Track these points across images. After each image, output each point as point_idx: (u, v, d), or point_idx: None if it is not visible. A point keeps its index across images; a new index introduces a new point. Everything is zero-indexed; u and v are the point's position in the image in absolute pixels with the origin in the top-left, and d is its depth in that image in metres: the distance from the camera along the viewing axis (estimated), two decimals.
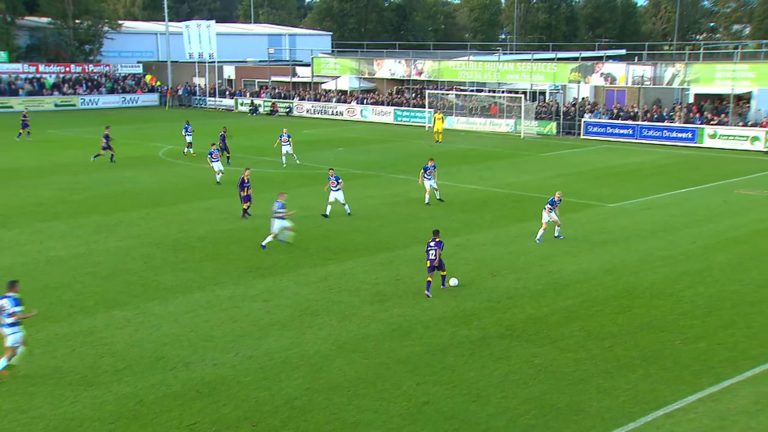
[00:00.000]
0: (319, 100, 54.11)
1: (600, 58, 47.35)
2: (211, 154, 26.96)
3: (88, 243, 18.92)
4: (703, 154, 35.29)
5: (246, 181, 21.34)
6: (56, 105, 58.07)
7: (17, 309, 11.46)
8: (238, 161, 32.11)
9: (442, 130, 39.33)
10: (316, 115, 52.73)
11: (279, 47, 72.26)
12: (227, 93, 60.23)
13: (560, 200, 19.36)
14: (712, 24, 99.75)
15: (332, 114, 51.89)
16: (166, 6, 66.62)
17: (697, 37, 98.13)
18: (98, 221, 21.36)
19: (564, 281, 15.98)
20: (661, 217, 21.91)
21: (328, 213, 21.60)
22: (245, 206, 21.63)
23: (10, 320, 11.45)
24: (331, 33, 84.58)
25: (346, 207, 21.92)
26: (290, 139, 31.14)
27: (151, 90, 63.43)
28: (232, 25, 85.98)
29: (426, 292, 15.02)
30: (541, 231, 19.17)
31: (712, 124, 37.61)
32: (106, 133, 31.99)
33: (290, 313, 14.16)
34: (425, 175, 23.37)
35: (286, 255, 17.89)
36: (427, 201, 23.28)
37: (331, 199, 21.63)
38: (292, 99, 55.31)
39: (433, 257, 15.08)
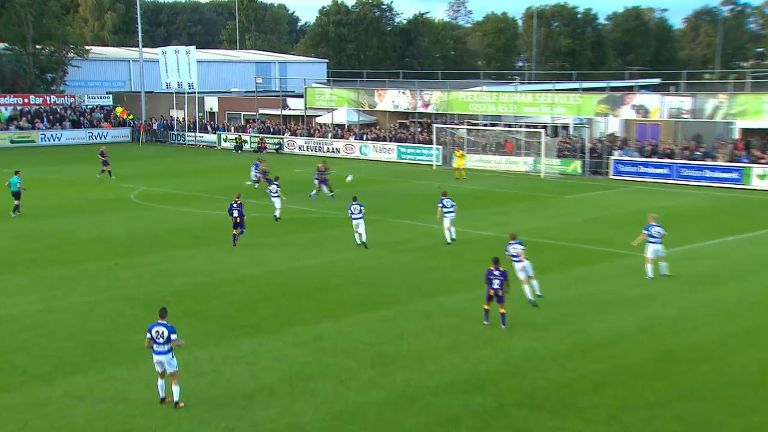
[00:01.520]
0: (312, 136, 54.83)
1: (631, 89, 48.20)
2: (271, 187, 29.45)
3: (47, 299, 19.06)
4: (751, 196, 35.62)
5: (236, 205, 24.19)
6: (12, 141, 58.73)
7: None
8: (216, 204, 32.51)
9: (464, 167, 40.71)
10: (310, 152, 53.34)
11: (267, 76, 73.57)
12: (209, 127, 61.21)
13: (659, 226, 20.22)
14: (759, 49, 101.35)
15: (328, 151, 52.52)
16: (140, 30, 68.03)
17: (743, 64, 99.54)
18: (59, 273, 21.53)
19: (592, 341, 16.04)
20: (704, 269, 22.06)
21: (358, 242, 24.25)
22: (234, 232, 24.32)
23: None
24: (326, 60, 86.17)
25: (364, 237, 24.15)
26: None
27: (122, 124, 64.39)
28: (214, 51, 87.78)
29: (485, 321, 16.64)
30: (648, 266, 20.19)
31: (761, 163, 38.00)
32: (102, 150, 38.67)
33: (279, 378, 14.21)
34: (445, 210, 24.94)
35: (274, 311, 18.01)
36: (447, 239, 25.02)
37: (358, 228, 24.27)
38: (283, 134, 56.11)
39: (498, 287, 16.31)
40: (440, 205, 25.33)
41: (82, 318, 17.61)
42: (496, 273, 16.75)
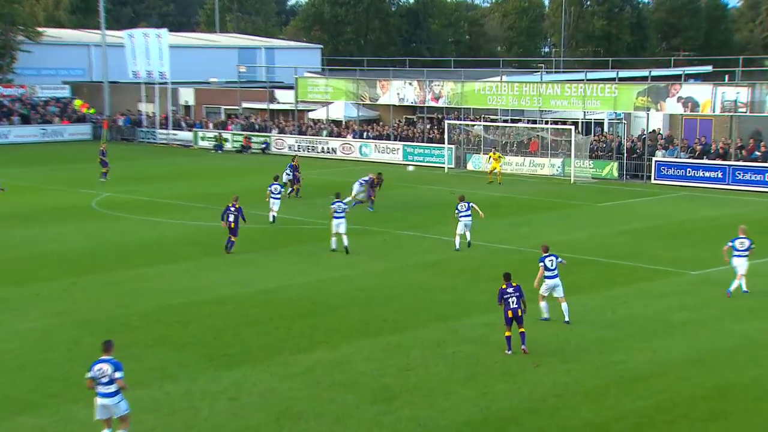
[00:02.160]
0: (305, 133, 54.90)
1: (677, 78, 48.00)
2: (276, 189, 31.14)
3: None
4: None
5: (233, 209, 25.65)
6: None
7: None
8: (194, 213, 32.54)
9: (500, 170, 41.14)
10: (302, 153, 53.32)
11: (252, 64, 73.82)
12: (184, 124, 61.31)
13: (745, 238, 21.18)
14: None
15: (322, 151, 52.57)
16: (102, 9, 68.13)
17: None
18: (6, 294, 21.53)
19: (632, 375, 16.02)
20: (765, 289, 21.99)
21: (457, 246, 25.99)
22: (233, 239, 25.69)
23: None
24: (320, 46, 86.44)
25: (345, 241, 25.37)
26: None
27: (82, 120, 64.61)
28: (190, 35, 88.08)
29: (507, 350, 16.81)
30: (736, 282, 20.93)
31: None
32: (102, 149, 41.24)
33: (265, 417, 14.19)
34: (461, 215, 26.05)
35: (261, 338, 18.03)
36: (457, 245, 26.07)
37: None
38: (270, 132, 56.21)
39: (516, 305, 16.66)
40: (456, 211, 26.21)
41: (32, 347, 17.61)
42: (510, 290, 17.01)
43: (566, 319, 18.88)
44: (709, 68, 61.82)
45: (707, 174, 40.34)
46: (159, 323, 19.09)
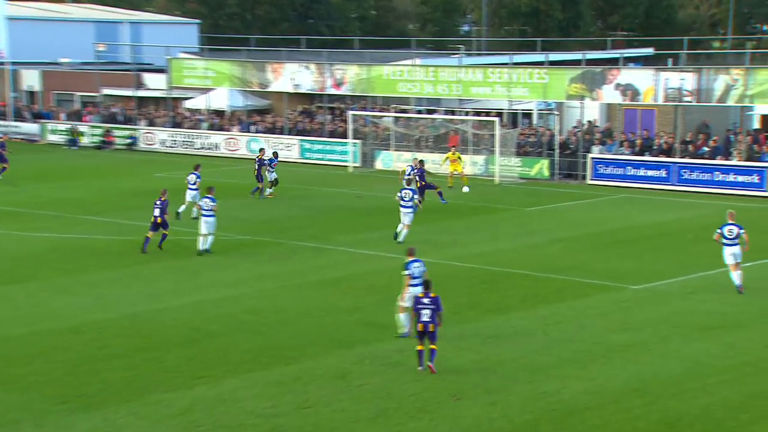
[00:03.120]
0: (180, 126, 54.25)
1: (615, 62, 49.01)
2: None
3: None
4: None
5: (159, 203, 27.27)
6: None
7: None
8: (36, 223, 31.66)
9: (463, 172, 40.79)
10: (177, 149, 52.71)
11: (114, 42, 72.41)
12: (28, 114, 59.72)
13: (735, 224, 22.95)
14: None
15: (202, 147, 52.07)
16: None
17: (765, 28, 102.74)
18: None
19: (566, 407, 16.27)
20: (716, 306, 22.68)
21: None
22: (148, 235, 27.46)
23: None
24: (198, 21, 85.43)
25: (209, 241, 27.32)
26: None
27: None
28: (35, 4, 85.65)
29: (419, 366, 17.42)
30: (732, 275, 22.72)
31: None
32: (2, 141, 41.90)
33: None
34: (402, 203, 28.63)
35: (126, 374, 17.69)
36: (398, 238, 28.58)
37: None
38: (137, 124, 55.37)
39: (429, 319, 17.12)
40: (398, 196, 28.92)
41: None
42: (426, 301, 17.47)
43: (405, 332, 19.38)
44: (650, 50, 63.44)
45: (650, 173, 41.36)
46: None
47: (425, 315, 17.41)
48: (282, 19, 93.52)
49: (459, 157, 41.15)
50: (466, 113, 47.65)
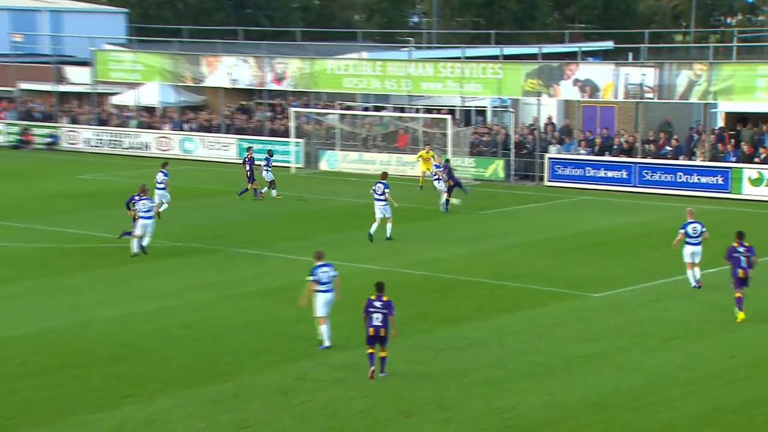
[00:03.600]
0: (106, 124, 53.78)
1: (573, 56, 49.39)
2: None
3: None
4: (742, 209, 37.29)
5: (137, 197, 27.77)
6: None
7: None
8: None
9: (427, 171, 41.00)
10: (103, 149, 52.33)
11: (32, 32, 71.38)
12: None
13: (697, 222, 23.93)
14: None
15: (131, 147, 51.72)
16: None
17: (729, 21, 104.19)
18: None
19: (523, 424, 16.35)
20: (680, 314, 22.93)
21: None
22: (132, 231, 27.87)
23: None
24: (126, 11, 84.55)
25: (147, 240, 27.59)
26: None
27: None
28: None
29: (371, 367, 17.56)
30: (689, 273, 23.70)
31: (754, 163, 39.62)
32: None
33: None
34: (375, 197, 29.95)
35: (46, 393, 17.47)
36: (371, 233, 30.03)
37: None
38: (59, 121, 54.77)
39: (380, 323, 17.38)
40: (372, 189, 30.32)
41: None
42: (378, 304, 17.63)
43: (326, 344, 19.67)
44: (610, 44, 64.09)
45: (610, 174, 41.72)
46: None
47: (376, 319, 17.61)
48: (217, 9, 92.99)
49: (433, 156, 41.41)
50: (417, 110, 47.75)
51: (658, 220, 34.77)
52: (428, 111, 47.25)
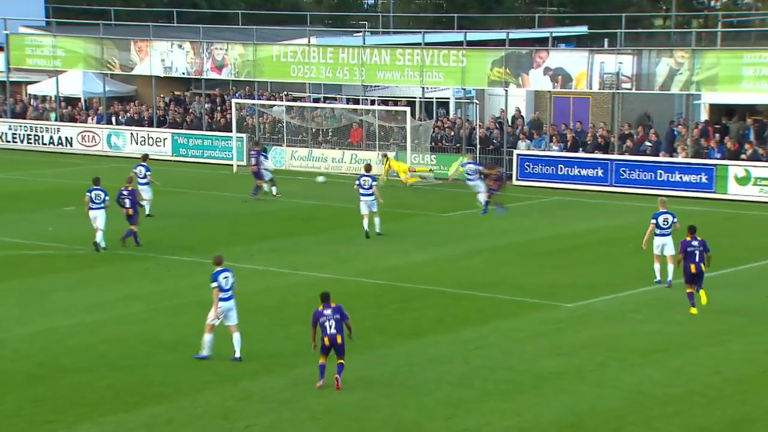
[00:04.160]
0: (23, 117, 53.47)
1: (543, 42, 49.56)
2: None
3: None
4: (727, 210, 37.60)
5: (126, 192, 29.25)
6: None
7: None
8: None
9: (409, 170, 41.84)
10: (18, 145, 52.00)
11: None
12: None
13: (669, 213, 25.52)
14: None
15: (51, 143, 51.46)
16: None
17: (713, 4, 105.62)
18: None
19: None
20: (660, 326, 22.97)
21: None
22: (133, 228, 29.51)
23: None
24: None
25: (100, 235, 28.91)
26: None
27: None
28: None
29: (319, 381, 18.14)
30: (656, 266, 25.18)
31: (741, 160, 39.92)
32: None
33: None
34: (362, 192, 31.06)
35: None
36: (366, 230, 31.10)
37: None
38: None
39: (335, 331, 18.00)
40: (357, 184, 31.34)
41: None
42: (328, 313, 18.13)
43: (236, 355, 19.86)
44: (583, 29, 64.62)
45: (584, 172, 41.91)
46: None
47: (330, 327, 18.01)
48: None
49: (395, 161, 42.16)
50: (372, 102, 47.70)
51: (636, 223, 34.63)
52: (384, 103, 47.21)
